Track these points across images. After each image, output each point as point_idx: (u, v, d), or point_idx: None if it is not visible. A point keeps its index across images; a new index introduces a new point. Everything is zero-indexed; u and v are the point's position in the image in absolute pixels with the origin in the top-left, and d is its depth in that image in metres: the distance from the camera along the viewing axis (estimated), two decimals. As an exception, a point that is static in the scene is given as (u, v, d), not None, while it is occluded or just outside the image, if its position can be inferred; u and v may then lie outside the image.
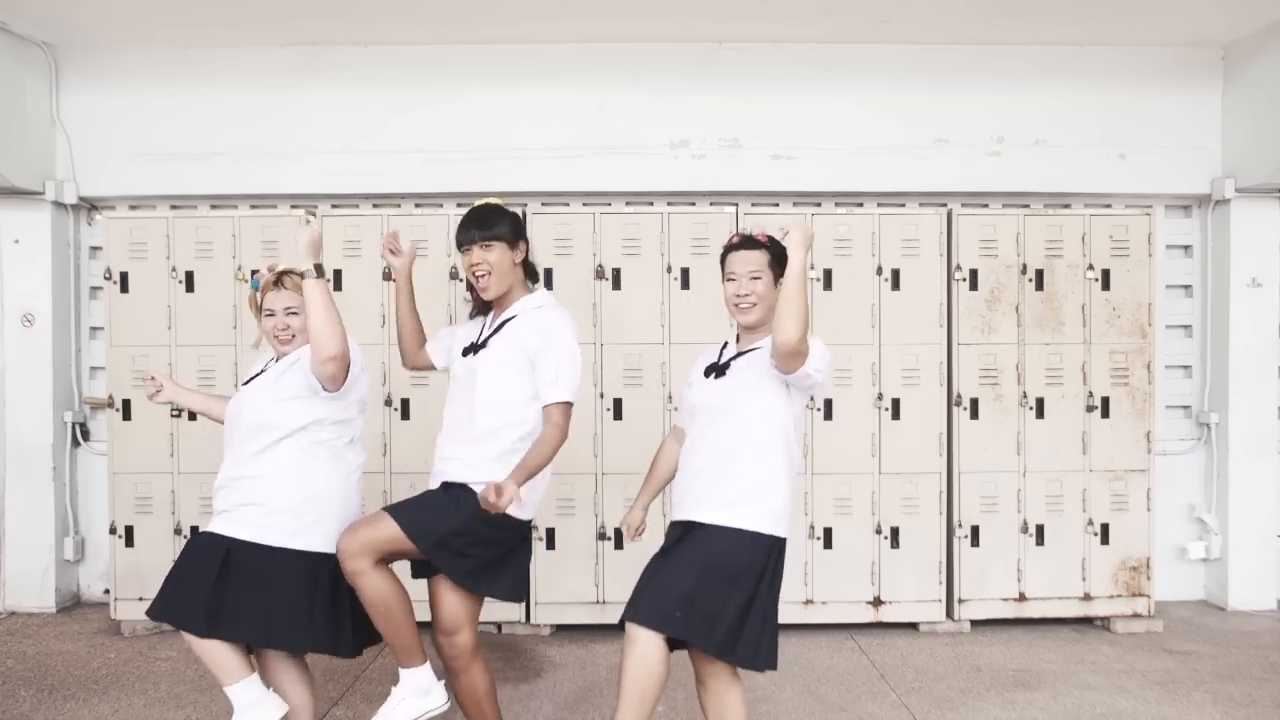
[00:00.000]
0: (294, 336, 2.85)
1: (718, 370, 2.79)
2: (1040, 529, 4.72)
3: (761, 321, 2.74)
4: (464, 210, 4.85)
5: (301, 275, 2.71)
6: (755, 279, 2.72)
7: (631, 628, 2.63)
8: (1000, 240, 4.74)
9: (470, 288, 2.94)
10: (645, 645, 2.60)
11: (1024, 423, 4.73)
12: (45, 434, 5.15)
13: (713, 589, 2.60)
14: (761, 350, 2.72)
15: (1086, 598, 4.74)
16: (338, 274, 4.70)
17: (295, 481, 2.75)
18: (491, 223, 2.82)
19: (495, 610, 4.58)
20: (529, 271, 2.96)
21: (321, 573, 2.77)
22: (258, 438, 2.78)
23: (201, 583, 2.69)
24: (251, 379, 2.94)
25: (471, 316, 3.04)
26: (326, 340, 2.65)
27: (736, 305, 2.76)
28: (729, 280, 2.76)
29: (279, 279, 2.86)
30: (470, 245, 2.82)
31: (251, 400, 2.83)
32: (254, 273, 2.97)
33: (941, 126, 5.15)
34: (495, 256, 2.80)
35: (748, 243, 2.78)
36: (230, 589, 2.70)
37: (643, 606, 2.65)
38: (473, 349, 2.88)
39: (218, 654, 2.71)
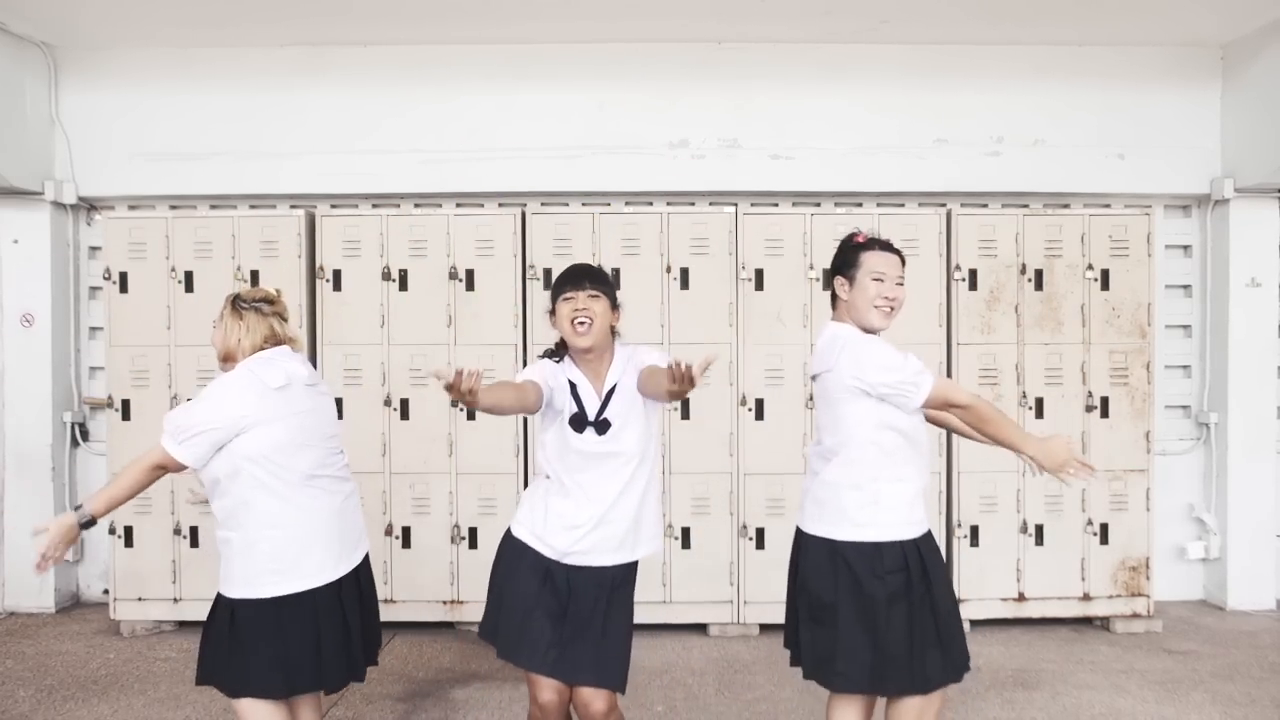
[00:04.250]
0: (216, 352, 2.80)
1: None
2: (1039, 529, 4.72)
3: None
4: (464, 210, 4.95)
5: None
6: (900, 284, 2.68)
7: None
8: (999, 240, 4.74)
9: (557, 348, 2.82)
10: None
11: (1024, 423, 4.72)
12: (45, 434, 5.15)
13: None
14: None
15: (1086, 598, 4.74)
16: (337, 274, 4.70)
17: None
18: (602, 277, 2.78)
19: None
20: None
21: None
22: None
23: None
24: None
25: (546, 356, 2.84)
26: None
27: (878, 307, 2.65)
28: (876, 280, 2.64)
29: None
30: (578, 291, 2.70)
31: None
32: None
33: (940, 126, 5.16)
34: (600, 308, 2.71)
35: (893, 246, 2.71)
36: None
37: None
38: (592, 425, 2.69)
39: None
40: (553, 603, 2.66)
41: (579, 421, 2.69)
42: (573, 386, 2.73)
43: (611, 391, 2.72)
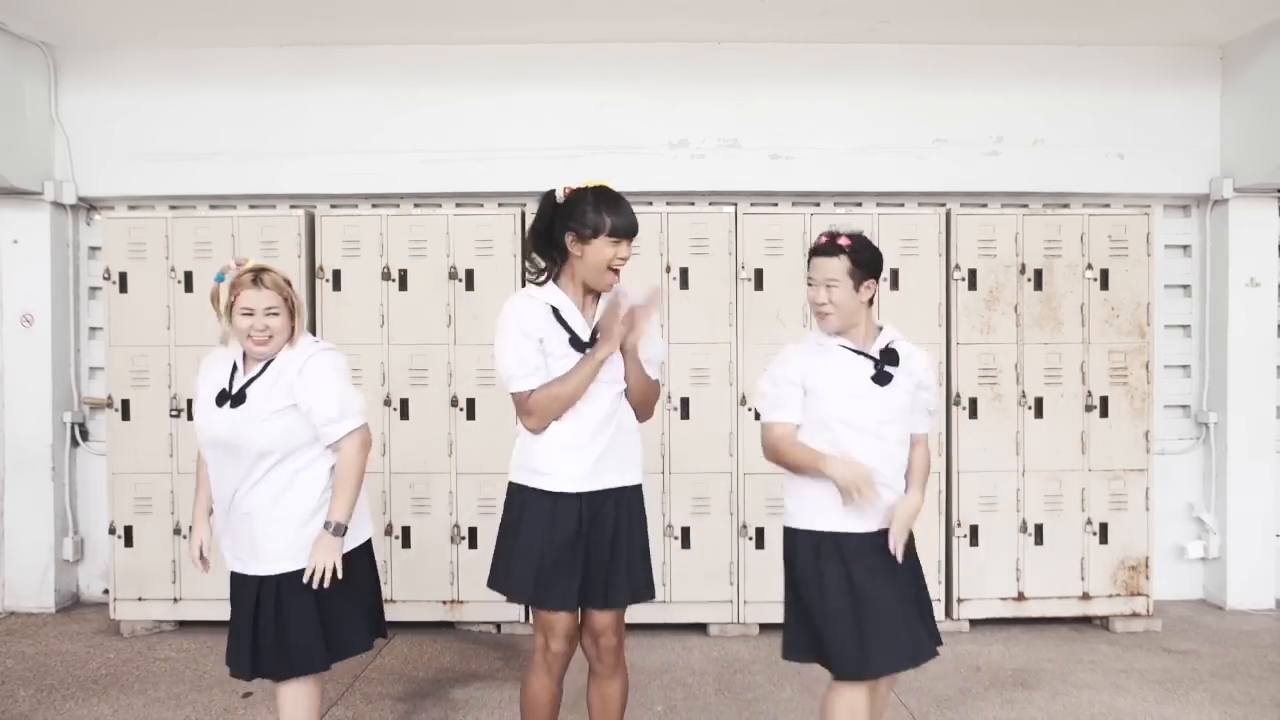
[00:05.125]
0: (272, 338, 2.71)
1: (880, 377, 2.69)
2: (1039, 528, 4.73)
3: (842, 328, 2.70)
4: (464, 210, 4.94)
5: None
6: (831, 287, 2.66)
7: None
8: (999, 240, 4.74)
9: (546, 268, 2.75)
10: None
11: (1023, 422, 4.73)
12: (45, 434, 5.15)
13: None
14: (912, 359, 2.75)
15: (1085, 597, 4.75)
16: (336, 274, 4.70)
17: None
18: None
19: (495, 610, 4.59)
20: None
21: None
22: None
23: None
24: (231, 396, 2.73)
25: (540, 283, 2.74)
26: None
27: (816, 312, 2.72)
28: (809, 285, 2.73)
29: (257, 276, 2.71)
30: (626, 244, 2.68)
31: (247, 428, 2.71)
32: (224, 268, 2.83)
33: (940, 126, 5.16)
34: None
35: (828, 248, 2.69)
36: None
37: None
38: (588, 346, 2.68)
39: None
40: (566, 539, 2.64)
41: (578, 343, 2.67)
42: (555, 312, 2.66)
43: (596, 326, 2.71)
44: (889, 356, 2.70)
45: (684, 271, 4.70)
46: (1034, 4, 4.62)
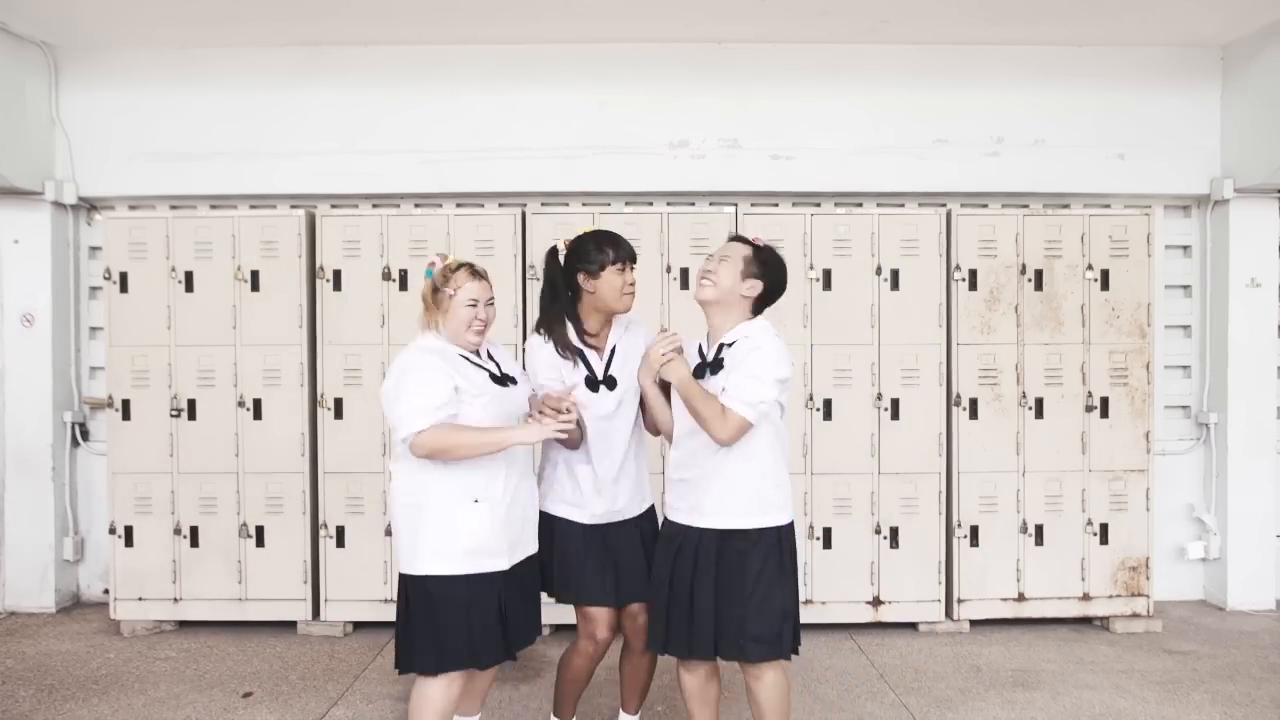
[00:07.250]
0: (486, 328, 2.93)
1: (710, 367, 2.86)
2: (1039, 529, 4.73)
3: (713, 302, 2.84)
4: (464, 210, 4.95)
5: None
6: (724, 260, 2.83)
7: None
8: (999, 240, 4.74)
9: (553, 320, 3.03)
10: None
11: (1023, 423, 4.73)
12: (45, 434, 5.15)
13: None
14: (735, 352, 2.80)
15: (1085, 598, 4.75)
16: (337, 274, 4.70)
17: None
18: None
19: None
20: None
21: None
22: None
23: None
24: (503, 375, 2.94)
25: (548, 336, 3.03)
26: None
27: (698, 279, 2.86)
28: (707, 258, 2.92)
29: (474, 269, 2.88)
30: (629, 267, 3.02)
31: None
32: (431, 265, 2.95)
33: (941, 127, 5.16)
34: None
35: (741, 237, 2.91)
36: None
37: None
38: (603, 384, 3.00)
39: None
40: (602, 555, 3.02)
41: (593, 383, 2.98)
42: (581, 355, 2.99)
43: (613, 352, 3.04)
44: (717, 365, 2.82)
45: (684, 272, 4.69)
46: (1034, 4, 4.62)
